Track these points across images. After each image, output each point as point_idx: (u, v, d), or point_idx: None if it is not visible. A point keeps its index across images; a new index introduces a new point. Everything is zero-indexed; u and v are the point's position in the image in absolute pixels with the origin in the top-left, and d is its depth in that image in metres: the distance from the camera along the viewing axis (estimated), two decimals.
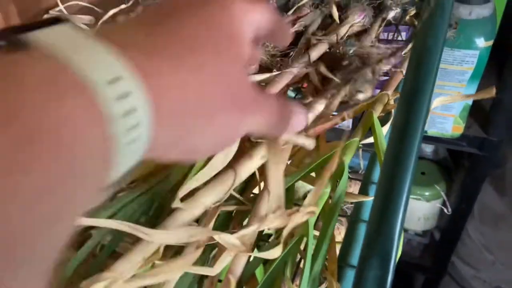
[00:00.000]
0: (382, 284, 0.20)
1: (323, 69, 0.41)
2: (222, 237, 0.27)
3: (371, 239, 0.20)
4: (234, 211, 0.34)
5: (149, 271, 0.25)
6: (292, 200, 0.35)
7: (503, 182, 0.89)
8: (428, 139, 0.81)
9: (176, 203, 0.29)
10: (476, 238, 0.98)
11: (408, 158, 0.21)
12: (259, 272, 0.30)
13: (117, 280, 0.25)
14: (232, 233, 0.29)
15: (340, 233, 0.64)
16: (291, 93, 0.50)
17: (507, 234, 0.92)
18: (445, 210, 0.52)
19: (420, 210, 1.05)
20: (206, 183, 0.31)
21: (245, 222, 0.35)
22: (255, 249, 0.29)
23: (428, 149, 1.10)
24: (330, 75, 0.40)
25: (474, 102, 0.75)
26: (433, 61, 0.22)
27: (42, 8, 0.57)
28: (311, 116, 0.39)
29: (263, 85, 0.44)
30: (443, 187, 1.01)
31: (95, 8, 0.58)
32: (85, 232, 0.30)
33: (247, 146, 0.36)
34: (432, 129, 0.78)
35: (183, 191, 0.29)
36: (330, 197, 0.34)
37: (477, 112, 0.79)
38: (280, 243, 0.28)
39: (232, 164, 0.32)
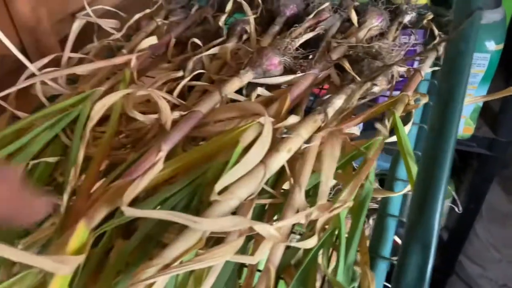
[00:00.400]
0: (423, 270, 0.21)
1: (347, 64, 0.43)
2: (262, 227, 0.29)
3: (411, 228, 0.22)
4: (267, 205, 0.35)
5: (195, 257, 0.27)
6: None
7: (511, 182, 0.91)
8: None
9: (213, 196, 0.30)
10: (484, 237, 1.00)
11: (445, 155, 0.22)
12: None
13: (166, 266, 0.27)
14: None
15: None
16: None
17: None
18: (456, 209, 0.53)
19: None
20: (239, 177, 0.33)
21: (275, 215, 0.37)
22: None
23: None
24: (352, 72, 0.42)
25: (484, 103, 0.77)
26: (465, 64, 0.23)
27: (68, 12, 0.59)
28: (331, 110, 0.40)
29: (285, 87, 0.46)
30: (452, 187, 1.03)
31: (120, 13, 0.60)
32: (132, 224, 0.32)
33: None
34: None
35: (219, 185, 0.31)
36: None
37: (486, 114, 0.81)
38: (315, 234, 0.30)
39: (261, 159, 0.34)
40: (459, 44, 0.24)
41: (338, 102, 0.40)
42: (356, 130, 0.37)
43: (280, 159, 0.35)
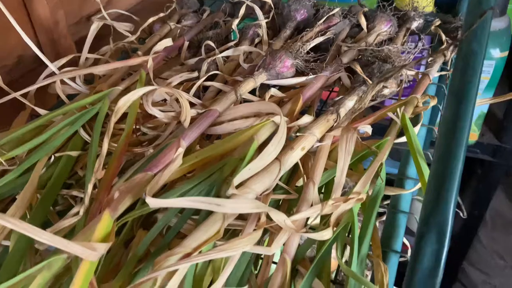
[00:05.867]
0: (438, 257, 0.22)
1: (358, 67, 0.44)
2: (279, 216, 0.29)
3: (427, 217, 0.23)
4: (281, 201, 0.36)
5: (216, 247, 0.28)
6: (331, 192, 0.37)
7: None
8: None
9: (231, 190, 0.31)
10: (488, 244, 1.00)
11: (459, 147, 0.23)
12: None
13: (186, 255, 0.28)
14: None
15: None
16: None
17: None
18: (461, 214, 0.54)
19: None
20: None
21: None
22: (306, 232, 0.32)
23: None
24: (363, 75, 0.43)
25: (489, 110, 0.78)
26: (478, 63, 0.24)
27: (84, 15, 0.61)
28: (343, 111, 0.42)
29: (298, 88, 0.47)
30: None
31: (133, 16, 0.62)
32: (151, 216, 0.33)
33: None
34: None
35: (237, 180, 0.32)
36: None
37: (491, 120, 0.82)
38: (330, 227, 0.31)
39: (277, 155, 0.35)
40: (471, 43, 0.25)
41: (349, 103, 0.41)
42: (368, 128, 0.38)
43: (295, 156, 0.36)
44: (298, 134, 0.38)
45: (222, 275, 0.29)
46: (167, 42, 0.48)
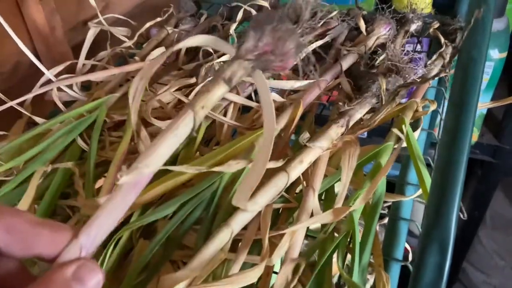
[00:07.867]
0: (441, 269, 0.22)
1: (382, 81, 0.42)
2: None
3: (429, 229, 0.23)
4: (281, 208, 0.36)
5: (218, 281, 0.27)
6: (333, 199, 0.37)
7: None
8: None
9: (241, 205, 0.30)
10: (488, 244, 1.00)
11: (461, 157, 0.23)
12: None
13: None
14: (282, 229, 0.31)
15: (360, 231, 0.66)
16: None
17: None
18: (461, 216, 0.53)
19: None
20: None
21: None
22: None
23: None
24: (383, 92, 0.42)
25: (488, 111, 0.78)
26: (478, 71, 0.24)
27: (80, 20, 0.60)
28: (352, 123, 0.41)
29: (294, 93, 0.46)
30: None
31: (130, 21, 0.61)
32: (151, 226, 0.32)
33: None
34: None
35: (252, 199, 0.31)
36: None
37: (490, 121, 0.82)
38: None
39: (284, 167, 0.35)
40: (471, 51, 0.24)
41: (359, 115, 0.41)
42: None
43: (302, 169, 0.35)
44: (307, 144, 0.37)
45: None
46: (159, 51, 0.47)
